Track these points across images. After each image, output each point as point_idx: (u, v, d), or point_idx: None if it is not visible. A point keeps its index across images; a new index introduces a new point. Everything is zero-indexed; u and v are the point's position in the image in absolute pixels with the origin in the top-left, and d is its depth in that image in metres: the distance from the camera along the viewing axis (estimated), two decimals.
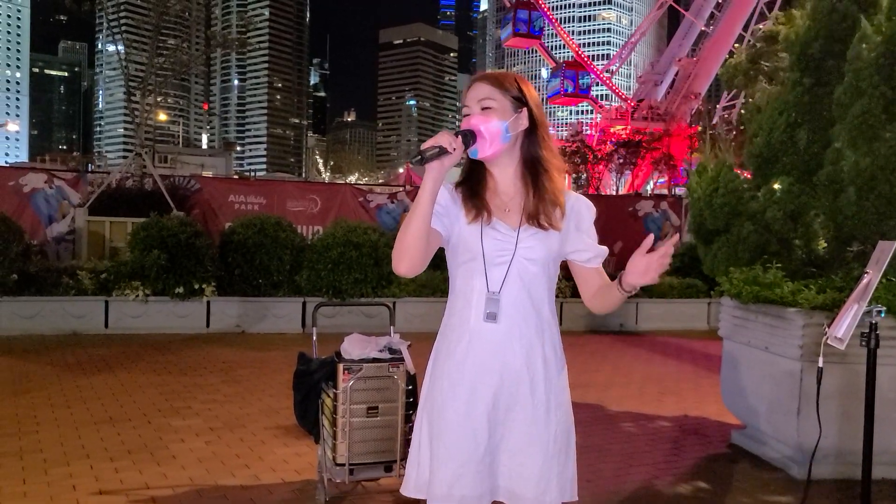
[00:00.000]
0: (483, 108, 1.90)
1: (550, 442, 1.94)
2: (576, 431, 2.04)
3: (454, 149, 1.78)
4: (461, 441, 1.88)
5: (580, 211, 2.00)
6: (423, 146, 1.78)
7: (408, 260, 1.83)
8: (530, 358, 1.92)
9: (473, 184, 1.96)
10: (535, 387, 1.92)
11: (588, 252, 1.99)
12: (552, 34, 63.58)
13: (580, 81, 52.92)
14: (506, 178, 1.96)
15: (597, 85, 56.73)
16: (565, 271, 2.05)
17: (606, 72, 57.36)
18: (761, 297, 4.55)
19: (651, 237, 1.86)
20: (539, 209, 1.92)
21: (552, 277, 1.98)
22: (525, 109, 1.94)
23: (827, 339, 2.85)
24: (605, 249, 2.01)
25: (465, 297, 1.93)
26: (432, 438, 1.93)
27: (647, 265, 1.84)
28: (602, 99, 65.47)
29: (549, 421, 1.94)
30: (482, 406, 1.90)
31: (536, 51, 58.91)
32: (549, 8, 54.63)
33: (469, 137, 1.84)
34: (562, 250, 1.96)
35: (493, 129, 1.88)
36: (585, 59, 55.75)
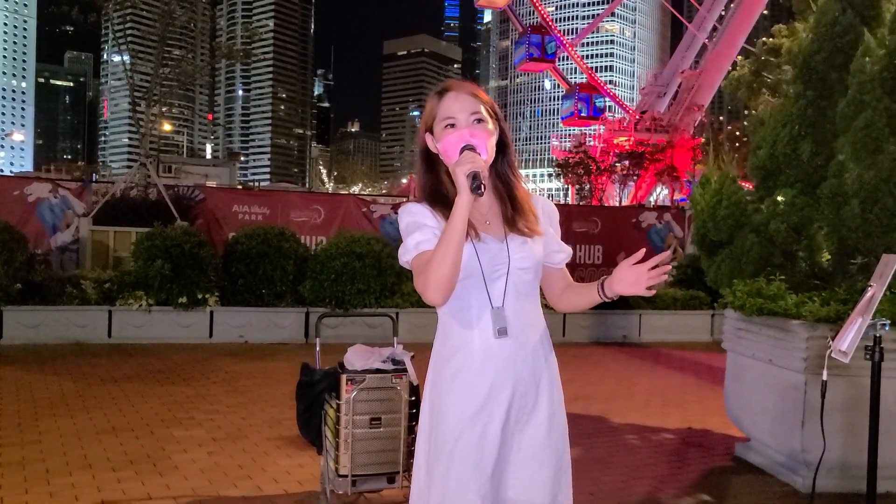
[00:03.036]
0: (475, 121, 1.89)
1: (558, 445, 1.96)
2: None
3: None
4: (482, 461, 1.86)
5: (550, 213, 2.05)
6: (472, 173, 1.75)
7: (449, 290, 1.79)
8: (536, 365, 1.94)
9: (445, 200, 1.90)
10: (541, 393, 1.94)
11: (562, 252, 2.05)
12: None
13: (595, 103, 51.88)
14: None
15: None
16: None
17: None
18: (765, 310, 4.54)
19: (643, 251, 1.90)
20: (519, 218, 1.94)
21: (538, 281, 2.01)
22: (498, 123, 1.95)
23: (831, 352, 2.84)
24: (569, 248, 2.07)
25: (462, 317, 1.90)
26: (447, 462, 1.87)
27: (637, 277, 1.86)
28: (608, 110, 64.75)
29: (554, 424, 1.96)
30: (497, 423, 1.88)
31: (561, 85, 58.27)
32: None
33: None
34: (544, 253, 1.99)
35: (490, 146, 1.89)
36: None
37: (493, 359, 1.88)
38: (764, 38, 28.89)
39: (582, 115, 50.96)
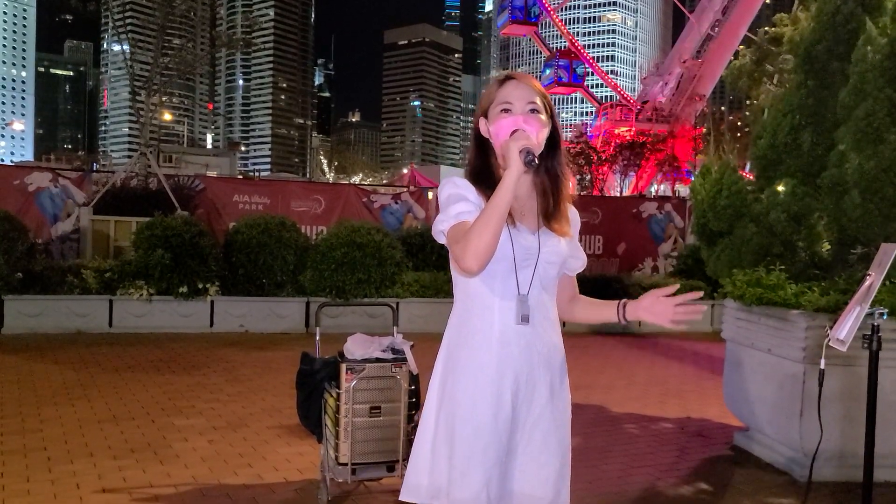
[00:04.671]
0: (531, 111, 1.91)
1: (563, 441, 1.98)
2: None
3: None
4: (490, 445, 1.87)
5: (576, 220, 2.09)
6: (526, 148, 1.80)
7: (486, 259, 1.79)
8: (551, 357, 1.95)
9: (491, 182, 1.90)
10: (553, 385, 1.96)
11: (580, 260, 2.09)
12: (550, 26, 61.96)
13: (575, 71, 51.48)
14: (522, 183, 1.94)
15: (591, 76, 55.22)
16: None
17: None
18: (764, 300, 4.55)
19: (676, 286, 1.96)
20: (556, 216, 1.97)
21: (558, 280, 2.03)
22: (552, 120, 1.97)
23: (829, 341, 2.84)
24: (585, 257, 2.12)
25: (484, 300, 1.91)
26: (454, 444, 1.89)
27: (664, 309, 1.96)
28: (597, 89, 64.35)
29: (563, 422, 1.98)
30: (507, 409, 1.89)
31: (542, 52, 58.00)
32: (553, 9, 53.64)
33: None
34: (568, 255, 2.02)
35: (542, 137, 1.91)
36: (578, 45, 54.30)
37: (510, 345, 1.89)
38: (766, 28, 28.76)
39: (562, 81, 50.63)
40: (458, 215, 1.87)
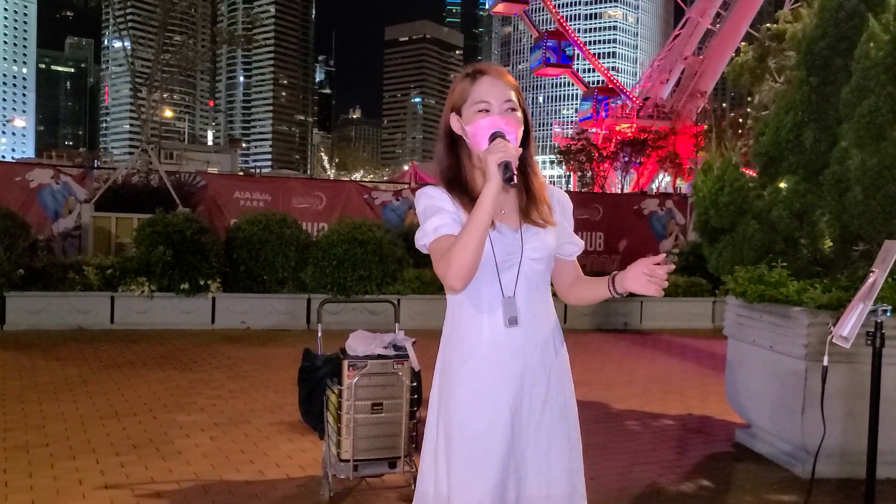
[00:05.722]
0: (509, 110, 1.86)
1: (571, 435, 1.96)
2: (580, 430, 2.04)
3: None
4: (491, 451, 1.85)
5: (564, 203, 2.04)
6: (504, 162, 1.73)
7: (470, 277, 1.78)
8: (546, 356, 1.92)
9: (465, 188, 1.88)
10: (552, 384, 1.93)
11: (573, 245, 2.04)
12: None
13: (564, 51, 51.21)
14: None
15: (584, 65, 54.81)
16: None
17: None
18: (766, 296, 4.54)
19: (663, 256, 1.87)
20: (535, 208, 1.93)
21: (550, 272, 1.99)
22: (523, 112, 1.93)
23: (832, 338, 2.84)
24: (582, 241, 2.06)
25: (473, 304, 1.89)
26: (451, 451, 1.87)
27: (650, 277, 1.85)
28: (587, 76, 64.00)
29: (567, 415, 1.96)
30: (506, 413, 1.86)
31: (531, 33, 57.73)
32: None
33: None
34: (557, 244, 1.98)
35: (520, 136, 1.87)
36: (566, 26, 54.25)
37: (501, 348, 1.87)
38: (768, 24, 28.67)
39: (550, 62, 50.59)
40: (437, 229, 1.85)
